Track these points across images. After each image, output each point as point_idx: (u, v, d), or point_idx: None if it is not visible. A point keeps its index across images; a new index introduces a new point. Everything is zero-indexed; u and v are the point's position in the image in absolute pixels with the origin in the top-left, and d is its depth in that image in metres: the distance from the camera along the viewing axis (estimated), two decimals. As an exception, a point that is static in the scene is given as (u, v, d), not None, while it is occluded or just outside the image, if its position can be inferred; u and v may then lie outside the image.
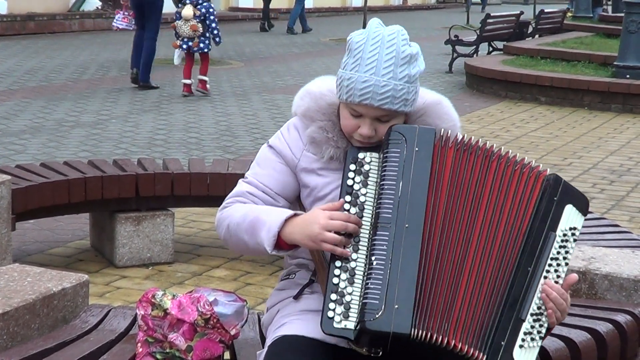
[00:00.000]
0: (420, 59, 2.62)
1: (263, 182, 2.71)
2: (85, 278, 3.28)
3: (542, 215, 2.50)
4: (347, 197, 2.50)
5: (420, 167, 2.47)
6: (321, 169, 2.67)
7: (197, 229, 6.70)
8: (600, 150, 10.16)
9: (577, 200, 2.56)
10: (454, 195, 2.49)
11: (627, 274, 3.54)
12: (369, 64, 2.55)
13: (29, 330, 3.02)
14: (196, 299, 2.80)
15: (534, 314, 2.48)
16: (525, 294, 2.46)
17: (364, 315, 2.36)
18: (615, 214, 7.37)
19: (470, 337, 2.42)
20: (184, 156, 8.74)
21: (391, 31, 2.58)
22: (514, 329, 2.44)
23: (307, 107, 2.70)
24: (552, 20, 21.60)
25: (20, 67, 15.44)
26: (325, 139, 2.66)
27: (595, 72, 14.38)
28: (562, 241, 2.52)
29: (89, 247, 6.21)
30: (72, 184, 5.57)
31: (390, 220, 2.43)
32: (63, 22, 22.15)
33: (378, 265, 2.39)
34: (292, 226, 2.53)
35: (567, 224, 2.53)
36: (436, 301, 2.41)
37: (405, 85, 2.56)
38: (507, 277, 2.47)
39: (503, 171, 2.53)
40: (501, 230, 2.50)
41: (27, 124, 10.53)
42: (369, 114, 2.58)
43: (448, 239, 2.47)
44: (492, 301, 2.45)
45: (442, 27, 25.88)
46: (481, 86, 14.42)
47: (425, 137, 2.51)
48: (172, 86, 13.89)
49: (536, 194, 2.53)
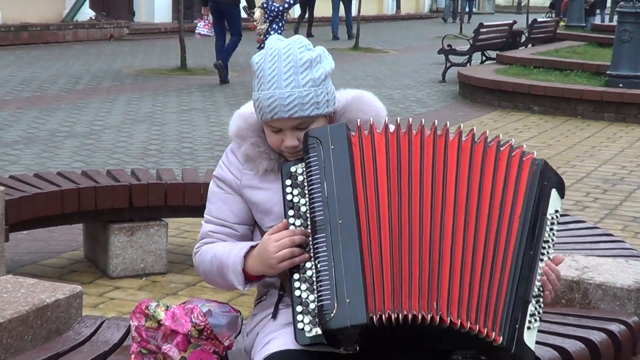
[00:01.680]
0: (324, 59, 2.66)
1: (218, 217, 2.81)
2: (78, 289, 3.28)
3: (535, 199, 2.56)
4: (290, 211, 2.56)
5: (340, 163, 2.51)
6: (261, 182, 2.74)
7: (190, 239, 6.69)
8: (594, 159, 10.18)
9: (558, 184, 2.68)
10: (403, 178, 2.50)
11: (620, 283, 3.54)
12: (270, 79, 2.60)
13: (23, 342, 3.02)
14: (190, 310, 2.79)
15: (535, 296, 2.55)
16: (529, 277, 2.52)
17: (322, 317, 2.42)
18: (609, 223, 7.38)
19: (481, 317, 2.43)
20: (178, 166, 8.73)
21: (287, 43, 2.63)
22: (524, 311, 2.50)
23: (238, 127, 2.77)
24: (545, 30, 21.66)
25: (14, 77, 15.43)
26: (258, 154, 2.73)
27: (588, 81, 14.42)
28: (550, 224, 2.61)
29: (82, 258, 6.20)
30: (66, 195, 5.56)
31: (323, 222, 2.48)
32: (57, 33, 22.15)
33: (322, 266, 2.45)
34: (252, 260, 2.64)
35: (553, 207, 2.63)
36: (395, 283, 2.42)
37: (311, 89, 2.60)
38: (510, 259, 2.49)
39: (472, 152, 2.56)
40: (486, 210, 2.51)
41: (20, 135, 10.52)
42: (285, 126, 2.63)
43: (405, 220, 2.47)
44: (498, 282, 2.47)
45: (435, 36, 25.93)
46: (474, 95, 14.44)
47: (338, 133, 2.55)
48: (165, 96, 13.89)
49: (525, 176, 2.57)
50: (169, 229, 6.12)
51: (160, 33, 25.39)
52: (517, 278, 2.49)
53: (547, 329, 3.28)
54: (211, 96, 14.05)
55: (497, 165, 2.56)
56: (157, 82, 15.47)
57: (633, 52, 13.83)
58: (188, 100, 13.65)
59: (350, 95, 2.77)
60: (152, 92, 14.19)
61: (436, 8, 45.19)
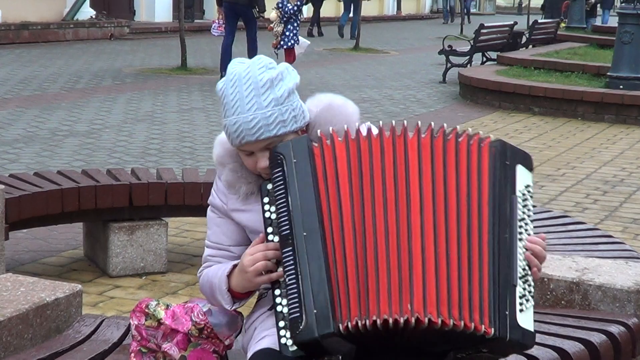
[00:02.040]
0: (287, 76, 2.65)
1: (214, 241, 2.86)
2: (78, 288, 3.28)
3: (500, 181, 2.55)
4: (269, 228, 2.58)
5: (302, 175, 2.52)
6: (244, 205, 2.77)
7: (190, 238, 6.69)
8: (594, 160, 10.18)
9: (523, 159, 2.65)
10: (365, 183, 2.48)
11: (620, 284, 3.54)
12: (233, 105, 2.61)
13: (22, 340, 3.02)
14: (190, 309, 2.80)
15: (522, 277, 2.53)
16: (510, 260, 2.51)
17: (293, 331, 2.44)
18: (609, 225, 7.38)
19: (465, 312, 2.40)
20: (178, 166, 8.73)
21: (247, 65, 2.64)
22: (512, 295, 2.48)
23: (218, 154, 2.81)
24: (546, 31, 21.66)
25: (14, 76, 15.43)
26: (237, 179, 2.76)
27: (588, 82, 14.41)
28: (523, 201, 2.59)
29: (82, 257, 6.20)
30: (66, 194, 5.56)
31: (289, 236, 2.49)
32: (57, 31, 22.15)
33: (290, 280, 2.46)
34: (235, 279, 2.70)
35: (522, 183, 2.61)
36: (361, 289, 2.40)
37: (275, 109, 2.60)
38: (486, 247, 2.47)
39: (432, 145, 2.54)
40: (454, 203, 2.49)
41: (20, 133, 10.52)
42: (256, 148, 2.64)
43: (370, 225, 2.45)
44: (478, 273, 2.44)
45: (436, 37, 25.94)
46: (475, 96, 14.44)
47: (299, 146, 2.55)
48: (166, 96, 13.89)
49: (486, 161, 2.55)
50: (169, 229, 6.12)
51: (160, 32, 25.39)
52: (497, 264, 2.47)
53: (546, 330, 3.28)
54: (212, 95, 14.05)
55: (458, 157, 2.53)
56: (157, 81, 15.47)
57: (634, 54, 13.83)
58: (188, 99, 13.65)
59: (321, 105, 2.75)
60: (153, 92, 14.19)
61: (437, 9, 45.19)
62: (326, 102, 2.75)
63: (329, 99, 2.77)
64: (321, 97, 2.78)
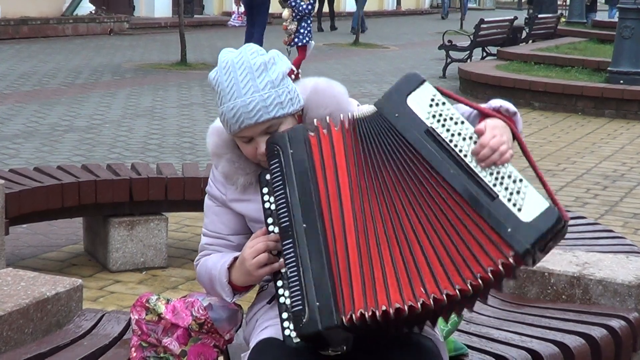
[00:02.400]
0: (279, 60, 2.64)
1: (212, 230, 2.83)
2: (79, 283, 3.28)
3: (404, 135, 2.44)
4: (269, 219, 2.56)
5: (299, 166, 2.50)
6: (243, 195, 2.75)
7: (190, 233, 6.69)
8: (594, 155, 10.18)
9: (408, 86, 2.52)
10: (367, 172, 2.46)
11: (621, 279, 3.54)
12: (229, 91, 2.59)
13: (23, 335, 3.02)
14: (190, 304, 2.80)
15: (495, 183, 2.38)
16: (475, 184, 2.38)
17: (296, 324, 2.43)
18: (609, 220, 7.38)
19: (468, 273, 2.31)
20: (178, 161, 8.73)
21: (238, 52, 2.63)
22: (501, 209, 2.35)
23: (213, 144, 2.77)
24: (546, 26, 21.64)
25: (14, 71, 15.42)
26: (234, 170, 2.73)
27: (589, 77, 14.41)
28: (438, 121, 2.44)
29: (82, 252, 6.20)
30: (66, 189, 5.56)
31: (289, 228, 2.47)
32: (56, 27, 22.13)
33: (291, 273, 2.45)
34: (235, 272, 2.68)
35: (425, 105, 2.48)
36: (367, 280, 2.37)
37: (271, 91, 2.58)
38: (449, 196, 2.38)
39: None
40: (419, 182, 2.43)
41: (20, 128, 10.52)
42: (255, 133, 2.61)
43: (369, 215, 2.42)
44: (465, 224, 2.36)
45: (435, 32, 25.92)
46: (475, 91, 14.44)
47: (296, 136, 2.53)
48: (165, 91, 13.88)
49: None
50: (169, 223, 6.12)
51: (160, 27, 25.37)
52: (465, 201, 2.36)
53: (547, 325, 3.29)
54: (212, 91, 13.98)
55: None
56: (157, 76, 15.46)
57: (634, 49, 13.82)
58: (188, 94, 13.64)
59: (308, 90, 2.71)
60: (152, 87, 14.18)
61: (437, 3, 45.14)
62: (311, 86, 2.72)
63: (313, 83, 2.73)
64: (305, 82, 2.75)
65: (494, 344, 3.08)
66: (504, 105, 2.55)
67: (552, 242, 2.39)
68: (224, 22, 28.13)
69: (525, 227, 2.32)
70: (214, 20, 28.35)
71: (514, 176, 2.38)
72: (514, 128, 2.53)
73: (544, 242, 2.34)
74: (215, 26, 27.30)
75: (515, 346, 3.07)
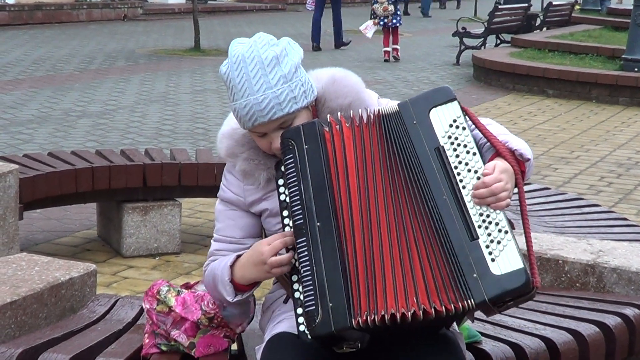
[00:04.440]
0: (291, 51, 2.58)
1: (226, 235, 2.75)
2: (93, 268, 3.28)
3: (414, 143, 2.44)
4: (285, 212, 2.52)
5: (314, 163, 2.47)
6: (265, 192, 2.68)
7: (204, 219, 6.69)
8: (608, 143, 10.14)
9: (436, 98, 2.48)
10: (369, 172, 2.45)
11: (635, 267, 3.53)
12: (241, 88, 2.53)
13: (37, 320, 3.03)
14: (200, 297, 2.78)
15: (481, 225, 2.36)
16: (462, 218, 2.37)
17: (309, 324, 2.40)
18: (623, 208, 7.36)
19: (444, 297, 2.33)
20: (191, 147, 8.74)
21: (249, 45, 2.55)
22: (476, 252, 2.34)
23: (227, 146, 2.71)
24: (560, 13, 21.53)
25: (28, 56, 15.44)
26: (255, 167, 2.67)
27: (603, 65, 14.34)
28: (451, 143, 2.43)
29: (96, 237, 6.21)
30: (80, 174, 5.57)
31: (303, 225, 2.45)
32: (70, 12, 22.15)
33: (305, 272, 2.42)
34: (241, 269, 2.60)
35: (445, 123, 2.45)
36: (376, 283, 2.37)
37: (284, 86, 2.53)
38: (439, 219, 2.38)
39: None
40: (405, 181, 2.43)
41: (34, 114, 10.54)
42: (269, 129, 2.57)
43: (374, 219, 2.41)
44: (435, 254, 2.37)
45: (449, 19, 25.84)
46: (488, 78, 14.39)
47: (310, 131, 2.50)
48: (179, 77, 13.89)
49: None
50: (183, 209, 6.12)
51: (174, 13, 25.37)
52: (446, 231, 2.36)
53: (561, 313, 3.28)
54: (225, 77, 14.03)
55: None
56: (170, 62, 15.46)
57: (649, 36, 13.74)
58: (201, 80, 13.64)
59: (324, 80, 2.67)
60: (166, 73, 14.19)
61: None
62: (329, 76, 2.68)
63: (330, 73, 2.69)
64: (321, 72, 2.70)
65: (508, 332, 3.08)
66: (519, 150, 2.50)
67: (513, 303, 2.40)
68: (239, 9, 28.13)
69: (490, 279, 2.32)
70: (227, 7, 28.34)
71: (501, 225, 2.36)
72: (519, 179, 2.47)
73: (503, 300, 2.35)
74: (229, 12, 27.29)
75: (529, 334, 3.07)
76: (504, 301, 2.35)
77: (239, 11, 28.05)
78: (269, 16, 27.29)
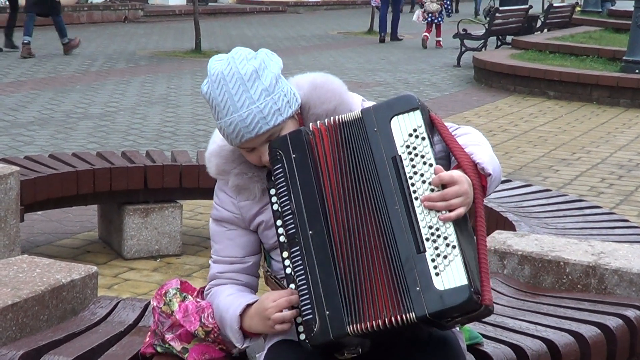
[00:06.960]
0: (270, 63, 2.54)
1: (226, 255, 2.72)
2: (94, 270, 3.28)
3: (372, 151, 2.42)
4: (278, 221, 2.50)
5: (303, 170, 2.46)
6: (261, 205, 2.66)
7: (205, 221, 6.69)
8: (609, 145, 10.14)
9: (399, 107, 2.45)
10: (347, 178, 2.44)
11: (637, 269, 3.52)
12: (225, 106, 2.52)
13: (38, 322, 3.03)
14: (202, 309, 2.76)
15: (429, 238, 2.33)
16: (411, 229, 2.35)
17: (307, 333, 2.40)
18: (624, 209, 7.36)
19: (393, 306, 2.32)
20: (192, 148, 8.74)
21: (227, 62, 2.53)
22: (421, 265, 2.32)
23: (216, 165, 2.70)
24: (561, 15, 21.54)
25: (29, 58, 15.43)
26: (248, 180, 2.64)
27: (604, 66, 14.34)
28: (409, 153, 2.40)
29: (97, 239, 6.21)
30: (81, 176, 5.58)
31: (295, 235, 2.44)
32: (71, 14, 22.14)
33: (300, 281, 2.41)
34: (250, 319, 2.56)
35: (405, 132, 2.41)
36: (365, 289, 2.37)
37: (267, 99, 2.50)
38: (389, 229, 2.37)
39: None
40: (370, 190, 2.42)
41: (35, 116, 10.54)
42: (257, 143, 2.54)
43: (359, 223, 2.40)
44: (387, 264, 2.36)
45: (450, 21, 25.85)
46: (489, 80, 14.39)
47: (297, 140, 2.48)
48: (180, 79, 13.89)
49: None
50: (184, 211, 6.12)
51: (174, 15, 25.38)
52: (395, 241, 2.35)
53: (562, 314, 3.28)
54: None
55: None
56: (171, 64, 15.47)
57: (650, 38, 13.74)
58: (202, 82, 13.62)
59: (305, 87, 2.64)
60: (167, 75, 14.19)
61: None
62: (309, 82, 2.64)
63: (310, 79, 2.66)
64: (301, 79, 2.67)
65: (509, 333, 3.07)
66: (482, 163, 2.44)
67: (465, 318, 2.38)
68: (240, 10, 28.16)
69: (432, 295, 2.29)
70: (228, 9, 28.36)
71: (449, 240, 2.32)
72: (478, 193, 2.42)
73: (448, 316, 2.32)
74: (229, 14, 27.30)
75: (530, 335, 3.06)
76: (451, 316, 2.33)
77: (240, 13, 28.07)
78: (269, 18, 27.32)
